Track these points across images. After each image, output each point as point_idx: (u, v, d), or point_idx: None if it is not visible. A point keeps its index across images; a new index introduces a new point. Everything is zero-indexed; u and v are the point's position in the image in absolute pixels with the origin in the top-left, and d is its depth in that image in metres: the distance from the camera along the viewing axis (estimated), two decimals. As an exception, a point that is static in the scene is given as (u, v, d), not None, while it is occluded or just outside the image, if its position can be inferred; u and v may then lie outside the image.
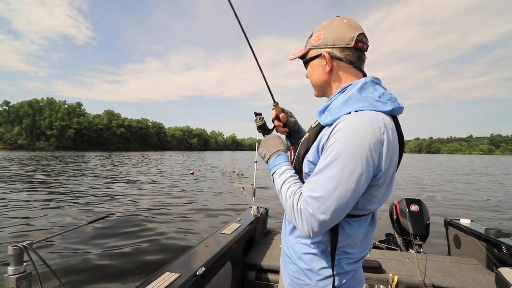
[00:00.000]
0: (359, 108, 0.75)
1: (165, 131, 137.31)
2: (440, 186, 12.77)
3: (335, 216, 0.70)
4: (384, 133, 0.70)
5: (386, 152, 0.71)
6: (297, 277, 0.87)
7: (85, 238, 4.50)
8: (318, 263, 0.82)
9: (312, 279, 0.83)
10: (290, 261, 0.90)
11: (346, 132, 0.70)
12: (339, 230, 0.80)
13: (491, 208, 7.88)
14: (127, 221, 5.55)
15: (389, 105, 0.76)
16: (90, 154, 50.63)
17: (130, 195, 8.61)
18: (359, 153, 0.68)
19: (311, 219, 0.71)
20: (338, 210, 0.69)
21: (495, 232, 2.23)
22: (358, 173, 0.68)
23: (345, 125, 0.71)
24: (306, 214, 0.72)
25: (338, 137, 0.71)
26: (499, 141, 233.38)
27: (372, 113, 0.73)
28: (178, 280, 1.36)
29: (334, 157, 0.70)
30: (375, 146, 0.69)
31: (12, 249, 0.89)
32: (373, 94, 0.78)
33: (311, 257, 0.84)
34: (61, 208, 6.66)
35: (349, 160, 0.68)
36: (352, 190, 0.69)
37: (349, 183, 0.68)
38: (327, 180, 0.70)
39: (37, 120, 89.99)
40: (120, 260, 3.73)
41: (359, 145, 0.68)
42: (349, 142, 0.69)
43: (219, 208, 7.08)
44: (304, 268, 0.84)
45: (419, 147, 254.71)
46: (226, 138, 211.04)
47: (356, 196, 0.71)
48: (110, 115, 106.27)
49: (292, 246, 0.90)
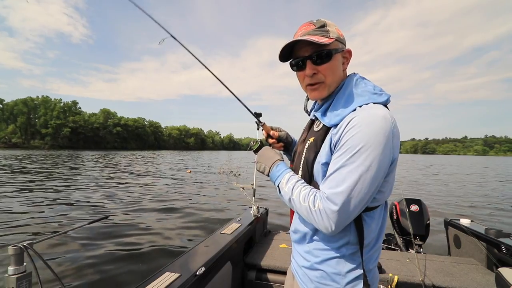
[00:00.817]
0: (362, 103, 0.77)
1: (162, 130, 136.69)
2: (440, 186, 12.82)
3: (358, 208, 0.73)
4: (392, 123, 0.73)
5: (397, 140, 0.75)
6: (322, 282, 0.84)
7: (86, 238, 4.48)
8: (345, 266, 0.81)
9: (340, 282, 0.81)
10: (311, 267, 0.87)
11: (361, 126, 0.71)
12: (364, 226, 0.80)
13: (490, 208, 7.92)
14: (126, 221, 5.54)
15: (383, 96, 0.80)
16: (86, 153, 50.21)
17: (129, 195, 8.54)
18: (377, 145, 0.70)
19: (334, 216, 0.71)
20: (361, 203, 0.72)
21: (495, 232, 2.22)
22: (378, 164, 0.70)
23: (359, 121, 0.72)
24: (328, 212, 0.72)
25: (354, 132, 0.72)
26: (493, 142, 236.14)
27: (378, 106, 0.76)
28: (178, 280, 1.35)
29: (353, 151, 0.71)
30: (389, 136, 0.71)
31: (13, 249, 0.89)
32: (367, 88, 0.81)
33: (337, 261, 0.82)
34: (60, 208, 6.61)
35: (369, 153, 0.70)
36: (373, 182, 0.71)
37: (370, 175, 0.70)
38: (348, 174, 0.71)
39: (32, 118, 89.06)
40: (120, 260, 3.72)
41: (376, 137, 0.70)
42: (366, 136, 0.70)
43: (219, 208, 7.06)
44: (331, 272, 0.82)
45: (415, 148, 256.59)
46: (223, 138, 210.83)
47: (377, 186, 0.73)
48: (106, 114, 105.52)
49: (312, 252, 0.87)
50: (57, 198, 7.71)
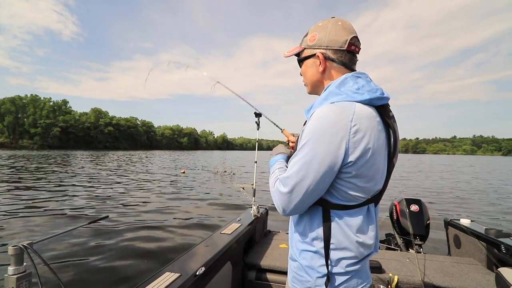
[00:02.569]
0: (336, 101, 0.79)
1: (155, 130, 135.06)
2: (439, 186, 12.96)
3: (302, 194, 0.77)
4: (351, 121, 0.73)
5: (355, 139, 0.73)
6: (298, 273, 0.89)
7: (85, 238, 4.47)
8: (318, 261, 0.83)
9: (312, 276, 0.84)
10: (293, 258, 0.93)
11: (314, 121, 0.77)
12: (332, 225, 0.82)
13: (491, 207, 8.03)
14: (126, 222, 5.53)
15: (365, 95, 0.78)
16: (77, 153, 49.36)
17: (126, 195, 8.48)
18: (322, 139, 0.74)
19: (282, 197, 0.80)
20: (304, 189, 0.76)
21: (495, 232, 2.23)
22: (320, 157, 0.74)
23: (314, 115, 0.78)
24: (278, 193, 0.82)
25: (308, 125, 0.79)
26: (481, 141, 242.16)
27: (344, 103, 0.77)
28: (178, 280, 1.35)
29: (302, 143, 0.78)
30: (337, 133, 0.73)
31: (13, 249, 0.90)
32: (352, 87, 0.81)
33: (311, 255, 0.85)
34: (59, 208, 6.55)
35: (313, 145, 0.75)
36: (315, 172, 0.75)
37: (312, 165, 0.75)
38: (295, 163, 0.78)
39: (20, 117, 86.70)
40: (120, 260, 3.72)
41: (323, 132, 0.74)
42: (314, 128, 0.76)
43: (218, 208, 7.05)
44: (305, 265, 0.86)
45: (406, 147, 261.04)
46: (217, 138, 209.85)
47: (321, 178, 0.75)
48: (98, 113, 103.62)
49: (295, 244, 0.92)
50: (57, 198, 7.63)
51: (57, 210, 6.41)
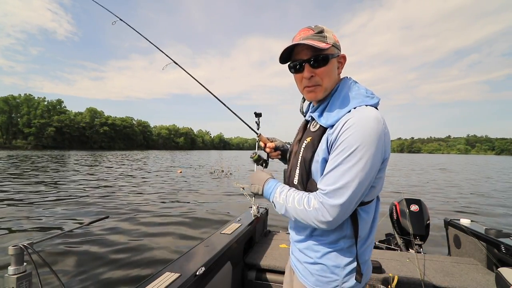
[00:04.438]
0: (356, 105, 0.83)
1: (151, 130, 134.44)
2: (439, 186, 12.99)
3: (355, 203, 0.79)
4: (383, 124, 0.80)
5: (388, 139, 0.82)
6: (322, 275, 0.89)
7: (86, 238, 4.46)
8: (344, 258, 0.87)
9: (339, 274, 0.86)
10: (311, 262, 0.91)
11: (357, 127, 0.77)
12: (359, 220, 0.86)
13: (490, 207, 8.05)
14: (126, 222, 5.52)
15: (375, 99, 0.86)
16: (71, 153, 48.88)
17: (125, 196, 8.41)
18: (371, 144, 0.76)
19: (334, 210, 0.77)
20: (357, 197, 0.78)
21: (495, 232, 2.23)
22: (372, 161, 0.77)
23: (354, 122, 0.78)
24: (327, 207, 0.78)
25: (350, 133, 0.77)
26: (474, 141, 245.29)
27: (370, 108, 0.82)
28: (178, 280, 1.34)
29: (349, 151, 0.77)
30: (381, 136, 0.78)
31: (13, 249, 0.90)
32: (360, 91, 0.87)
33: (336, 254, 0.87)
34: (60, 208, 6.51)
35: (364, 152, 0.76)
36: (367, 178, 0.77)
37: (365, 172, 0.76)
38: (345, 172, 0.77)
39: (14, 117, 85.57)
40: (120, 260, 3.71)
41: (371, 137, 0.76)
42: (361, 136, 0.76)
43: (217, 208, 7.03)
44: (331, 265, 0.87)
45: (401, 147, 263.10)
46: (214, 137, 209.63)
47: (370, 182, 0.80)
48: (93, 113, 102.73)
49: (311, 247, 0.92)
50: (56, 198, 7.57)
51: (57, 210, 6.35)
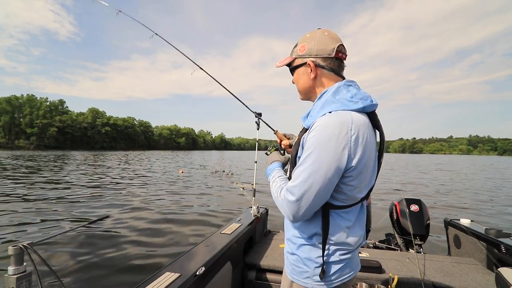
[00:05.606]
0: (333, 109, 0.85)
1: (152, 130, 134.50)
2: (439, 185, 12.98)
3: (311, 202, 0.82)
4: (351, 130, 0.80)
5: (355, 146, 0.81)
6: (297, 265, 0.96)
7: (86, 238, 4.46)
8: (315, 253, 0.92)
9: (310, 266, 0.92)
10: (290, 252, 1.00)
11: (317, 131, 0.82)
12: (330, 222, 0.90)
13: (490, 207, 8.03)
14: (126, 222, 5.52)
15: (359, 104, 0.86)
16: (73, 153, 49.07)
17: (126, 196, 8.44)
18: (328, 148, 0.79)
19: (291, 205, 0.85)
20: (312, 197, 0.82)
21: (495, 232, 2.23)
22: (326, 165, 0.79)
23: (317, 125, 0.83)
24: (286, 202, 0.86)
25: (312, 135, 0.83)
26: (476, 141, 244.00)
27: (342, 112, 0.83)
28: (178, 280, 1.35)
29: (308, 152, 0.83)
30: (340, 142, 0.79)
31: (13, 249, 0.90)
32: (346, 95, 0.88)
33: (309, 248, 0.93)
34: (60, 208, 6.52)
35: (319, 154, 0.80)
36: (323, 180, 0.80)
37: (319, 174, 0.80)
38: (302, 172, 0.83)
39: (16, 117, 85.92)
40: (120, 260, 3.71)
41: (327, 141, 0.79)
42: (318, 139, 0.81)
43: (218, 208, 7.04)
44: (303, 257, 0.94)
45: (403, 147, 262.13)
46: (215, 138, 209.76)
47: (328, 185, 0.82)
48: (95, 113, 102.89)
49: (291, 239, 0.99)
50: (56, 198, 7.59)
51: (57, 210, 6.37)
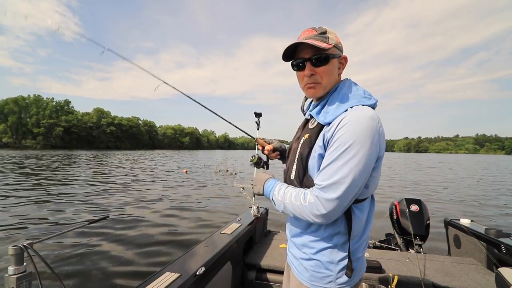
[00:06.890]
0: (353, 104, 0.86)
1: (156, 130, 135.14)
2: (439, 185, 12.86)
3: (350, 198, 0.81)
4: (378, 122, 0.83)
5: (382, 138, 0.84)
6: (317, 271, 0.91)
7: (86, 238, 4.48)
8: (338, 254, 0.89)
9: (333, 270, 0.89)
10: (307, 258, 0.94)
11: (352, 125, 0.80)
12: (352, 217, 0.88)
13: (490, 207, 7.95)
14: (126, 222, 5.54)
15: (372, 100, 0.90)
16: (78, 153, 49.54)
17: (127, 195, 8.49)
18: (366, 141, 0.79)
19: (329, 204, 0.80)
20: (352, 193, 0.80)
21: (495, 232, 2.23)
22: (365, 159, 0.79)
23: (350, 120, 0.81)
24: (322, 201, 0.80)
25: (345, 130, 0.80)
26: (483, 140, 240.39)
27: (367, 108, 0.85)
28: (178, 280, 1.35)
29: (344, 147, 0.79)
30: (375, 134, 0.80)
31: (13, 249, 0.90)
32: (358, 92, 0.91)
33: (330, 250, 0.90)
34: (60, 208, 6.57)
35: (358, 149, 0.78)
36: (362, 174, 0.79)
37: (359, 168, 0.78)
38: (340, 167, 0.79)
39: (23, 117, 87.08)
40: (120, 260, 3.72)
41: (365, 135, 0.79)
42: (356, 133, 0.79)
43: (218, 208, 7.05)
44: (325, 261, 0.90)
45: (408, 147, 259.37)
46: (218, 137, 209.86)
47: (365, 178, 0.82)
48: (100, 113, 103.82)
49: (307, 244, 0.94)
50: (56, 198, 7.65)
51: (57, 210, 6.42)
